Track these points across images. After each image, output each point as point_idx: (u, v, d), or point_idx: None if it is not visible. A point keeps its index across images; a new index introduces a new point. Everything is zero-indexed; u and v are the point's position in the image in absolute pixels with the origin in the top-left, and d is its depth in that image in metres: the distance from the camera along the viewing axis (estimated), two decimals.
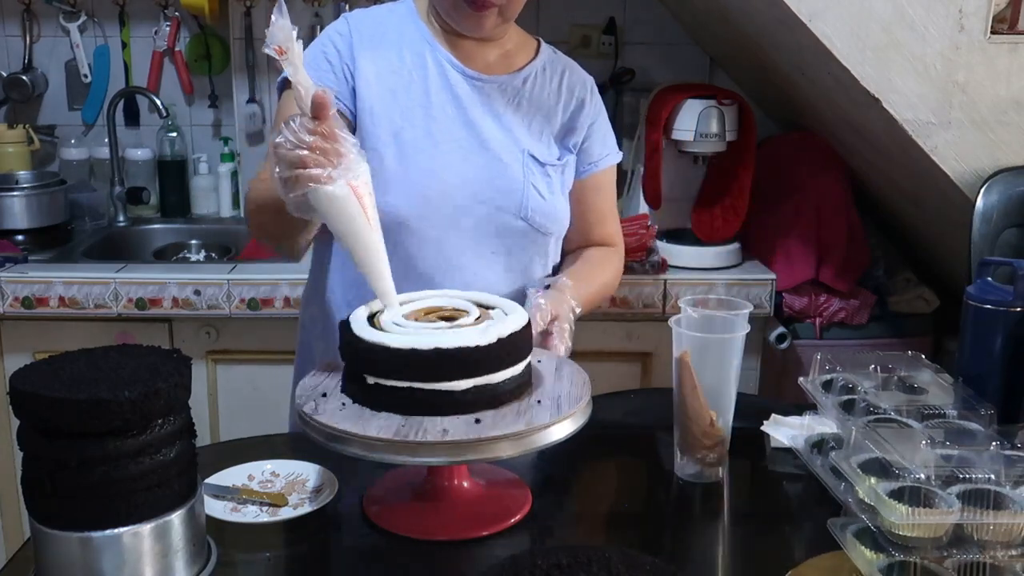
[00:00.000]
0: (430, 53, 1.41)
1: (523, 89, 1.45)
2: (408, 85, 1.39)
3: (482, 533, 1.08)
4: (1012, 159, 1.96)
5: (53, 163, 2.74)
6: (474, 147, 1.40)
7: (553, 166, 1.45)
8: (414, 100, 1.38)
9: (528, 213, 1.41)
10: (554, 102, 1.48)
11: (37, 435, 0.88)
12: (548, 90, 1.48)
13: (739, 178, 2.28)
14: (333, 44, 1.39)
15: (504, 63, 1.46)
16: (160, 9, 2.66)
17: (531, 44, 1.51)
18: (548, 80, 1.48)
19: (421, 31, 1.42)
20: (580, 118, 1.49)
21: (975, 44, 1.89)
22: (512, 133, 1.43)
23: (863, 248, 2.39)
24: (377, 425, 1.00)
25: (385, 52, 1.39)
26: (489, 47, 1.44)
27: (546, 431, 1.03)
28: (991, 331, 1.28)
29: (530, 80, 1.46)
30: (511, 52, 1.47)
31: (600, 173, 1.53)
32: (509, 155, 1.41)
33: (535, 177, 1.42)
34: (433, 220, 1.37)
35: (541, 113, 1.46)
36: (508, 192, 1.40)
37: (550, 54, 1.51)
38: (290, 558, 1.08)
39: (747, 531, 1.17)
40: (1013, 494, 0.98)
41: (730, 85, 2.58)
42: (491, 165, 1.40)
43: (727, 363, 1.21)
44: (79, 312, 2.15)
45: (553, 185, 1.45)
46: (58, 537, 0.90)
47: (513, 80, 1.45)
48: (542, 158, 1.44)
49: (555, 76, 1.49)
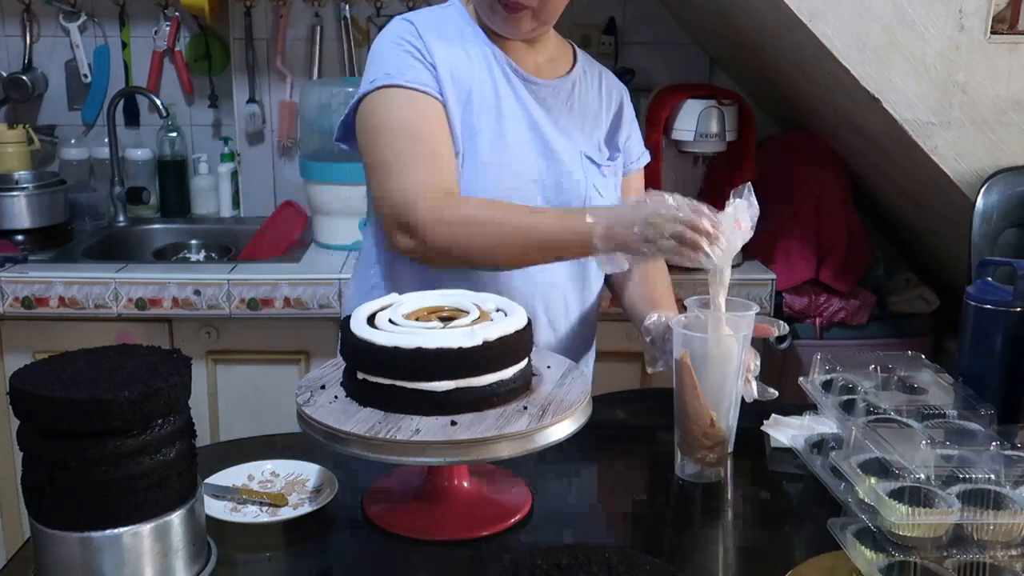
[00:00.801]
0: (492, 53, 1.41)
1: (572, 92, 1.48)
2: (481, 84, 1.38)
3: (482, 533, 1.08)
4: (1012, 159, 1.96)
5: (53, 163, 2.74)
6: (540, 148, 1.41)
7: (607, 166, 1.48)
8: (486, 99, 1.38)
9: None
10: (598, 106, 1.51)
11: (37, 435, 0.88)
12: (591, 94, 1.50)
13: (739, 178, 2.27)
14: (408, 42, 1.34)
15: (551, 67, 1.48)
16: (160, 9, 2.66)
17: (568, 50, 1.54)
18: (590, 85, 1.51)
19: (477, 32, 1.42)
20: (622, 120, 1.53)
21: (975, 44, 1.89)
22: (570, 136, 1.44)
23: (863, 248, 2.39)
24: (356, 420, 1.02)
25: (454, 50, 1.38)
26: (536, 50, 1.46)
27: (546, 431, 1.03)
28: (991, 331, 1.28)
29: (577, 84, 1.49)
30: (555, 57, 1.49)
31: (632, 178, 1.57)
32: (569, 157, 1.43)
33: (595, 177, 1.45)
34: None
35: (589, 116, 1.49)
36: (573, 192, 1.42)
37: (585, 59, 1.54)
38: (290, 558, 1.08)
39: (747, 531, 1.17)
40: (1013, 494, 0.98)
41: (730, 85, 2.58)
42: (556, 166, 1.41)
43: (730, 363, 1.21)
44: (79, 312, 2.14)
45: (609, 184, 1.48)
46: (58, 537, 0.90)
47: (564, 84, 1.47)
48: (597, 159, 1.46)
49: (594, 81, 1.52)
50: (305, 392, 1.10)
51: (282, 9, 2.61)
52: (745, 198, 1.20)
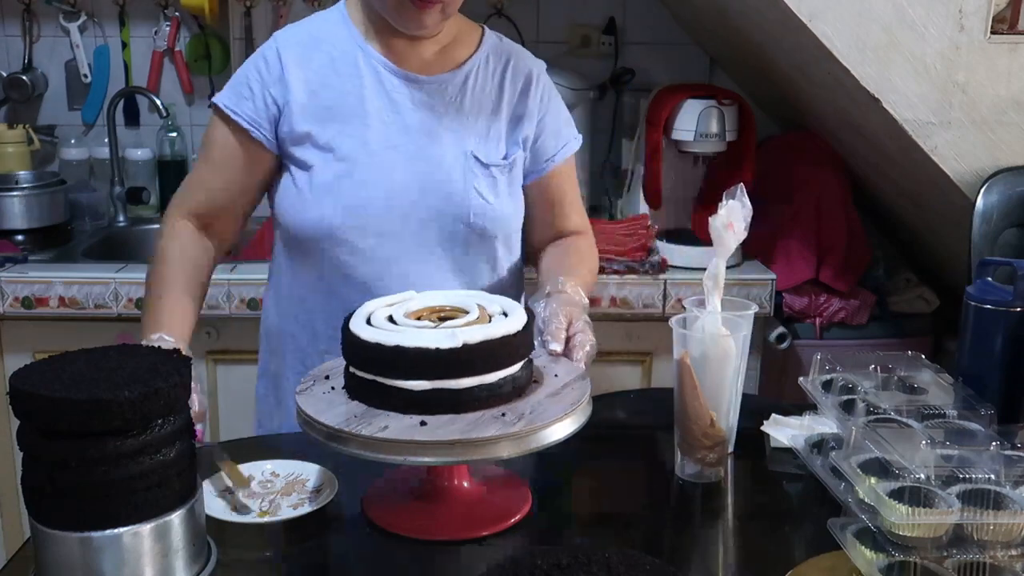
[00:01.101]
0: (363, 58, 1.38)
1: (464, 86, 1.42)
2: (342, 97, 1.37)
3: (482, 533, 1.08)
4: (1012, 159, 1.96)
5: (53, 163, 2.74)
6: (412, 153, 1.38)
7: (498, 167, 1.42)
8: (350, 111, 1.37)
9: (471, 218, 1.39)
10: (499, 95, 1.44)
11: (37, 435, 0.88)
12: (491, 84, 1.43)
13: (739, 178, 2.27)
14: (258, 71, 1.38)
15: (442, 60, 1.42)
16: (160, 9, 2.66)
17: (474, 34, 1.46)
18: (492, 72, 1.44)
19: (353, 35, 1.39)
20: (527, 110, 1.45)
21: (975, 44, 1.89)
22: (455, 134, 1.40)
23: (863, 248, 2.39)
24: (335, 412, 1.04)
25: (316, 67, 1.38)
26: (424, 44, 1.40)
27: (546, 431, 1.03)
28: (991, 331, 1.28)
29: (472, 75, 1.42)
30: (450, 47, 1.43)
31: (559, 166, 1.49)
32: (450, 158, 1.39)
33: (478, 180, 1.40)
34: (370, 229, 1.36)
35: (486, 109, 1.42)
36: (449, 197, 1.38)
37: (495, 43, 1.47)
38: (290, 558, 1.08)
39: (747, 531, 1.17)
40: (1013, 494, 0.98)
41: (730, 85, 2.58)
42: (431, 170, 1.38)
43: (729, 363, 1.21)
44: (79, 312, 2.14)
45: (498, 187, 1.42)
46: (58, 537, 0.90)
47: (454, 78, 1.41)
48: (487, 159, 1.41)
49: (499, 67, 1.45)
50: (309, 381, 1.13)
51: (282, 9, 2.61)
52: (738, 199, 1.20)
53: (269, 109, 1.37)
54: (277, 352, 1.50)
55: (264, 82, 1.38)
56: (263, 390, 1.55)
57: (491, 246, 1.44)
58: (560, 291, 1.31)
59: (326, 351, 1.38)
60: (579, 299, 1.31)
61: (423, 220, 1.38)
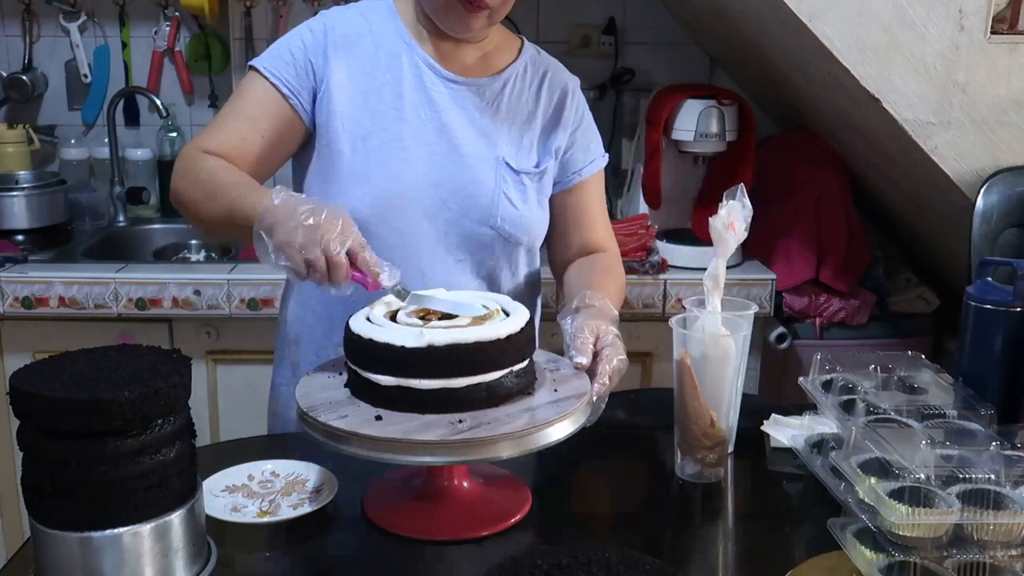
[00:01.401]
0: (406, 53, 1.39)
1: (502, 92, 1.43)
2: (381, 88, 1.37)
3: (482, 533, 1.08)
4: (1012, 159, 1.96)
5: (53, 163, 2.74)
6: (445, 151, 1.38)
7: (529, 174, 1.42)
8: (386, 103, 1.37)
9: (497, 222, 1.39)
10: (534, 105, 1.45)
11: (37, 435, 0.88)
12: (528, 94, 1.45)
13: (739, 178, 2.27)
14: (302, 40, 1.37)
15: (483, 65, 1.43)
16: (160, 9, 2.66)
17: (514, 44, 1.48)
18: (529, 83, 1.46)
19: (399, 30, 1.40)
20: (561, 120, 1.46)
21: (975, 44, 1.89)
22: (489, 138, 1.40)
23: (863, 248, 2.39)
24: (318, 397, 1.08)
25: (360, 53, 1.38)
26: (469, 48, 1.41)
27: (546, 431, 1.03)
28: (991, 331, 1.28)
29: (510, 83, 1.44)
30: (491, 53, 1.44)
31: (586, 180, 1.50)
32: (482, 161, 1.39)
33: (508, 185, 1.40)
34: (394, 223, 1.36)
35: (521, 117, 1.44)
36: (477, 199, 1.38)
37: (533, 54, 1.49)
38: (290, 558, 1.08)
39: (747, 531, 1.17)
40: (1013, 494, 0.98)
41: (730, 85, 2.58)
42: (461, 171, 1.38)
43: (729, 363, 1.21)
44: (79, 312, 2.14)
45: (528, 194, 1.42)
46: (58, 537, 0.90)
47: (492, 83, 1.42)
48: (518, 166, 1.41)
49: (536, 77, 1.47)
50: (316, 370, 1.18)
51: (282, 9, 2.61)
52: (738, 199, 1.20)
53: (311, 80, 1.36)
54: (295, 342, 1.49)
55: (309, 52, 1.36)
56: (282, 379, 1.53)
57: (514, 252, 1.45)
58: (588, 305, 1.28)
59: (340, 344, 1.37)
60: (609, 312, 1.28)
61: (449, 220, 1.38)
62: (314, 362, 1.33)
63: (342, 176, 1.36)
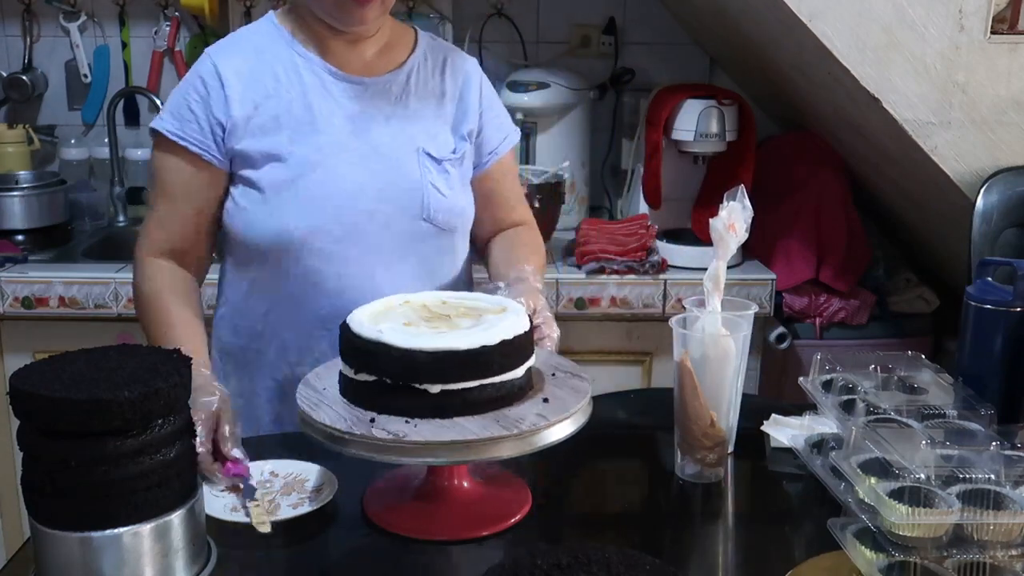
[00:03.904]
0: (304, 66, 1.37)
1: (408, 85, 1.42)
2: (289, 106, 1.36)
3: (482, 533, 1.08)
4: (1012, 159, 1.96)
5: (53, 163, 2.74)
6: (367, 153, 1.37)
7: (450, 160, 1.43)
8: (297, 119, 1.36)
9: (431, 213, 1.39)
10: (440, 92, 1.45)
11: (37, 435, 0.88)
12: (433, 82, 1.45)
13: (739, 178, 2.28)
14: (197, 91, 1.35)
15: (384, 60, 1.42)
16: (160, 9, 2.66)
17: (409, 35, 1.47)
18: (432, 71, 1.45)
19: (289, 43, 1.38)
20: (469, 104, 1.46)
21: (975, 44, 1.89)
22: (404, 133, 1.40)
23: (863, 248, 2.39)
24: (321, 397, 1.10)
25: (258, 79, 1.36)
26: (364, 45, 1.40)
27: (546, 431, 1.03)
28: (991, 331, 1.28)
29: (413, 74, 1.43)
30: (389, 45, 1.43)
31: (501, 159, 1.52)
32: (404, 156, 1.39)
33: (433, 175, 1.40)
34: (333, 235, 1.35)
35: (430, 106, 1.43)
36: (407, 194, 1.38)
37: (429, 42, 1.48)
38: (290, 558, 1.08)
39: (747, 531, 1.17)
40: (1013, 494, 0.98)
41: (730, 85, 2.58)
42: (387, 170, 1.38)
43: (729, 364, 1.21)
44: (79, 312, 2.15)
45: (452, 180, 1.43)
46: (58, 537, 0.90)
47: (396, 77, 1.42)
48: (438, 154, 1.41)
49: (437, 65, 1.46)
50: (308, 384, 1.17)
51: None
52: (739, 200, 1.20)
53: (214, 129, 1.35)
54: (243, 369, 1.46)
55: (205, 102, 1.35)
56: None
57: (451, 240, 1.46)
58: (520, 279, 1.35)
59: (298, 363, 1.38)
60: (538, 287, 1.35)
61: (384, 220, 1.38)
62: (271, 386, 1.42)
63: (268, 200, 1.35)
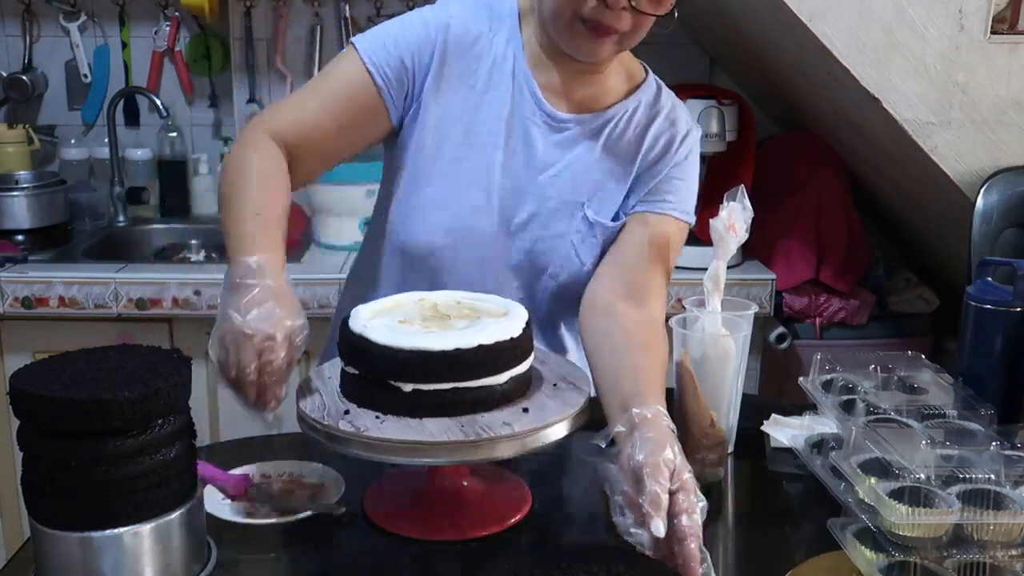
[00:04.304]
0: (518, 77, 1.27)
1: (601, 132, 1.30)
2: (481, 107, 1.27)
3: (482, 533, 1.08)
4: (1012, 159, 1.96)
5: (53, 163, 2.74)
6: (528, 190, 1.29)
7: (604, 227, 1.31)
8: (485, 125, 1.27)
9: (561, 275, 1.32)
10: (635, 150, 1.31)
11: (37, 435, 0.88)
12: (630, 136, 1.31)
13: (739, 178, 2.28)
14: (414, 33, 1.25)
15: (593, 100, 1.31)
16: (160, 9, 2.66)
17: (635, 75, 1.36)
18: (635, 124, 1.31)
19: (517, 50, 1.28)
20: (658, 167, 1.32)
21: (975, 44, 1.89)
22: (574, 184, 1.29)
23: (863, 248, 2.39)
24: (322, 397, 1.09)
25: (470, 61, 1.27)
26: (586, 81, 1.29)
27: (546, 431, 1.03)
28: (991, 331, 1.28)
29: (613, 123, 1.30)
30: (608, 89, 1.31)
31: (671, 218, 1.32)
32: (565, 214, 1.30)
33: (580, 239, 1.31)
34: (460, 256, 1.29)
35: (616, 164, 1.31)
36: (550, 255, 1.31)
37: (651, 92, 1.35)
38: (290, 558, 1.08)
39: (747, 531, 1.17)
40: (1013, 494, 0.98)
41: (730, 85, 2.58)
42: (544, 223, 1.30)
43: (729, 364, 1.21)
44: (79, 312, 2.15)
45: (596, 251, 1.32)
46: (58, 537, 0.90)
47: (595, 120, 1.30)
48: (595, 217, 1.31)
49: (645, 118, 1.32)
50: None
51: (282, 9, 2.61)
52: (738, 200, 1.20)
53: (408, 78, 1.25)
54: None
55: (415, 48, 1.24)
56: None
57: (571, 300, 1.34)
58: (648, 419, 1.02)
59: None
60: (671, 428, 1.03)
61: (515, 264, 1.32)
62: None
63: (423, 197, 1.28)
